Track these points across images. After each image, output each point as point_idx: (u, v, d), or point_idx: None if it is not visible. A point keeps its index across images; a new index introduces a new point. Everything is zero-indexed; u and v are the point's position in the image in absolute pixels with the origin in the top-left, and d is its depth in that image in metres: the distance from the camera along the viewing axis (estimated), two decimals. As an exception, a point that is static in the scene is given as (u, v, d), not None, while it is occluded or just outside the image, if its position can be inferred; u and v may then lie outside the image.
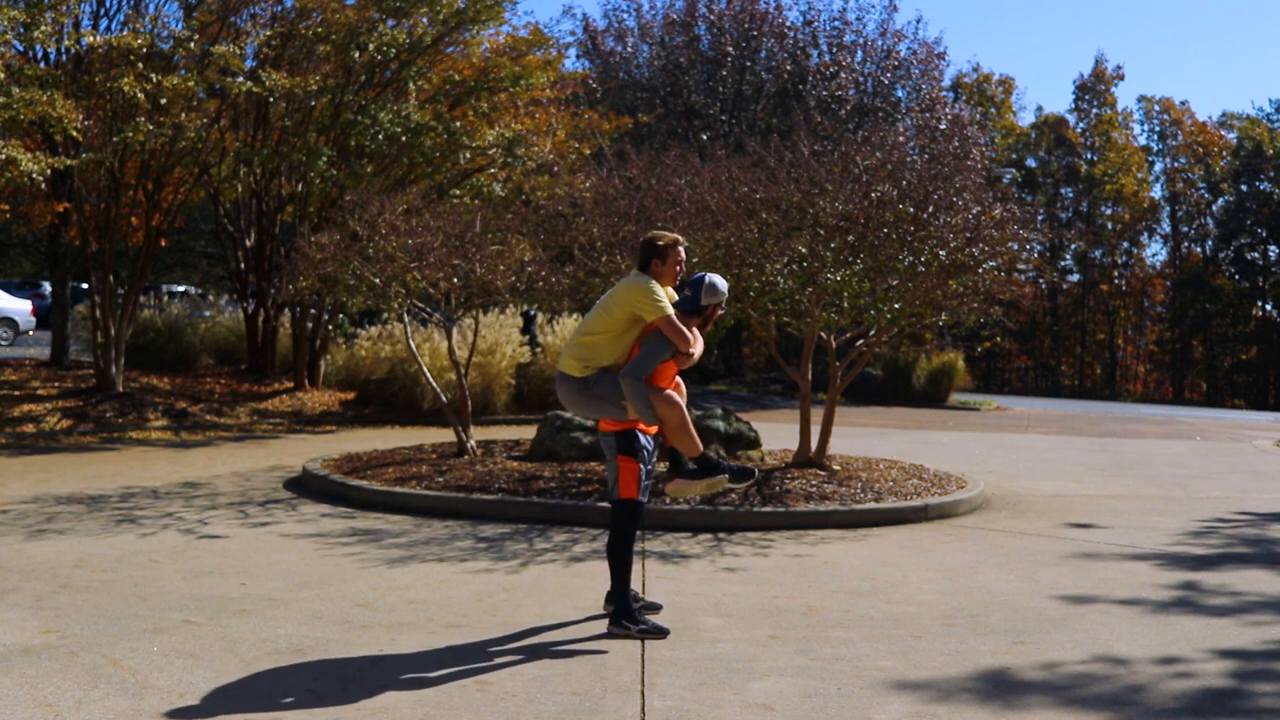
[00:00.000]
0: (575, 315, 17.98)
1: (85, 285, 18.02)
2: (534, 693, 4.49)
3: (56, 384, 15.94)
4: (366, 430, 15.48)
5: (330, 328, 18.73)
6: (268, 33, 16.31)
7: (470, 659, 4.92)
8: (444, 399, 11.71)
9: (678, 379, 5.54)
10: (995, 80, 54.47)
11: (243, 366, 19.33)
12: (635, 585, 6.38)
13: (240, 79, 15.17)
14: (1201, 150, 52.82)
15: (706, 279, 5.44)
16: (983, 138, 36.59)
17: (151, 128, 14.09)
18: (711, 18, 31.51)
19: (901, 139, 15.23)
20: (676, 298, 5.56)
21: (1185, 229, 53.89)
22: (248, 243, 18.97)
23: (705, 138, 28.94)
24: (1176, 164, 53.98)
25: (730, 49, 30.85)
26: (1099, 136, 52.61)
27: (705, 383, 28.61)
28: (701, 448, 5.39)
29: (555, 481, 9.32)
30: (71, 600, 5.76)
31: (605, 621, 5.47)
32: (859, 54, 32.93)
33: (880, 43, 33.26)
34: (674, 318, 5.30)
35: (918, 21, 64.57)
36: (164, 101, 14.47)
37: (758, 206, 10.16)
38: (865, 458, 11.36)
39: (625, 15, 33.47)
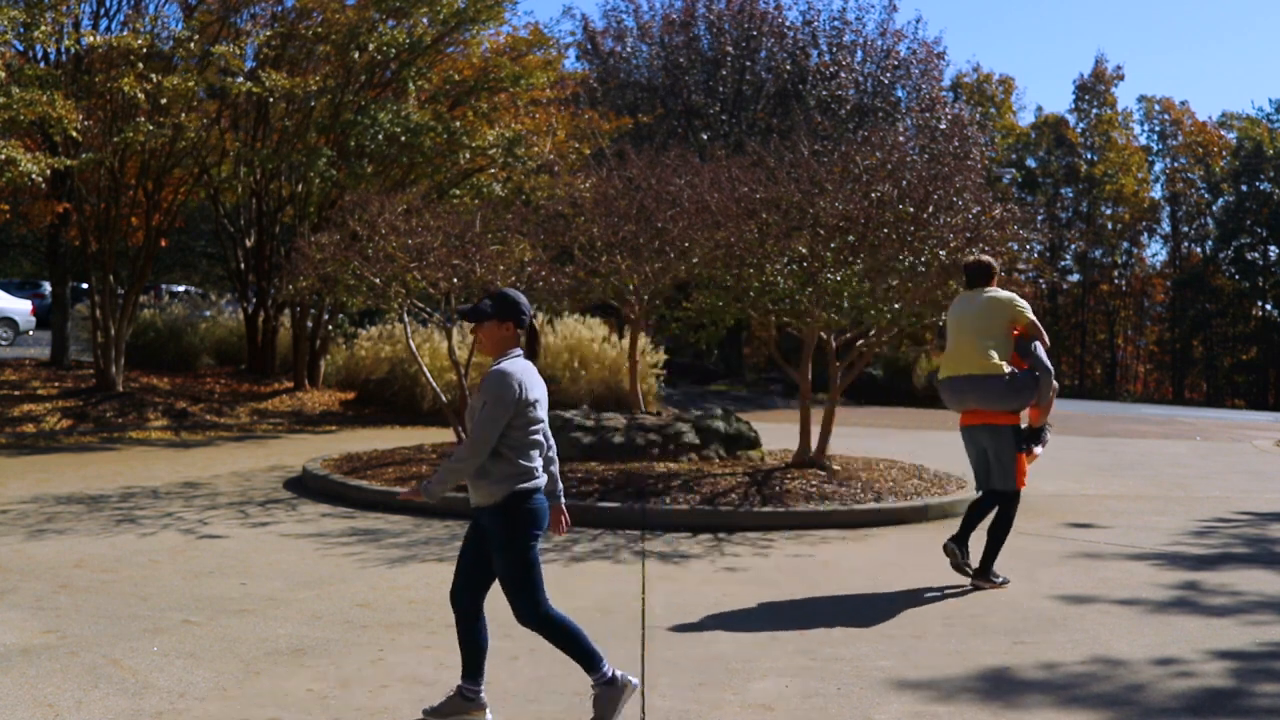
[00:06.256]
0: (576, 315, 17.97)
1: (85, 285, 18.02)
2: (534, 693, 4.49)
3: (56, 384, 15.94)
4: (366, 430, 15.48)
5: (330, 328, 18.73)
6: (268, 33, 16.31)
7: (470, 659, 4.92)
8: (444, 399, 11.71)
9: None
10: (995, 80, 54.45)
11: (243, 366, 19.33)
12: (635, 585, 6.40)
13: (240, 79, 15.17)
14: (1201, 150, 52.81)
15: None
16: (983, 138, 36.55)
17: (151, 128, 14.09)
18: (711, 18, 31.46)
19: (901, 139, 15.23)
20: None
21: (1185, 229, 53.88)
22: (248, 243, 18.97)
23: (705, 138, 28.92)
24: (1176, 164, 53.97)
25: (730, 49, 30.82)
26: (1099, 136, 52.59)
27: (705, 383, 28.59)
28: None
29: (555, 481, 9.31)
30: (71, 600, 5.76)
31: (606, 625, 5.49)
32: (859, 54, 32.87)
33: (880, 43, 33.21)
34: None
35: (917, 21, 64.39)
36: (164, 101, 14.46)
37: (758, 206, 10.16)
38: (865, 458, 11.35)
39: (624, 15, 33.45)
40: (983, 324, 6.35)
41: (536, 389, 4.06)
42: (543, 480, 4.11)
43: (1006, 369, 6.24)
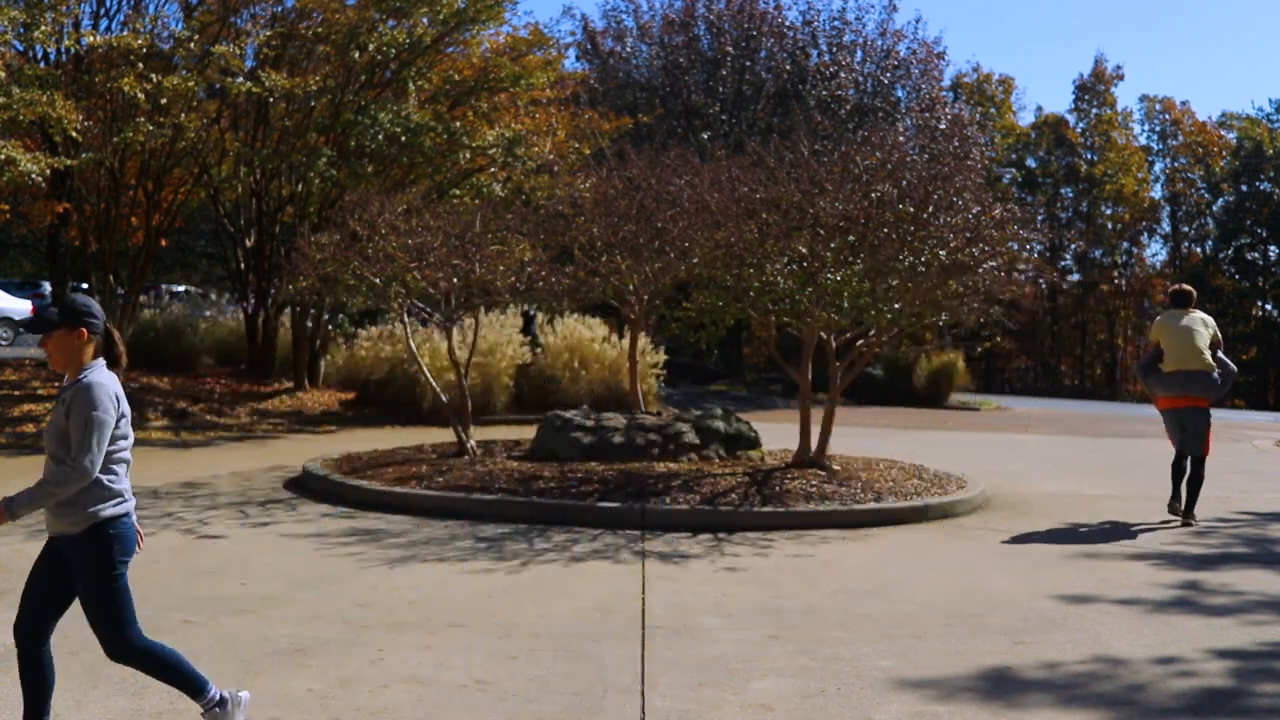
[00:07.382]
0: (576, 315, 17.95)
1: (85, 285, 18.03)
2: (534, 693, 4.49)
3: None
4: (366, 430, 15.47)
5: (330, 328, 18.71)
6: (268, 33, 16.31)
7: (470, 659, 4.92)
8: (444, 399, 11.70)
9: None
10: (995, 80, 54.43)
11: (243, 366, 19.32)
12: (635, 585, 6.40)
13: (240, 79, 15.17)
14: (1201, 150, 52.81)
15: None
16: (983, 138, 36.54)
17: (151, 128, 14.09)
18: (710, 17, 31.45)
19: (901, 139, 15.23)
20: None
21: (1185, 229, 53.89)
22: (248, 243, 18.96)
23: (705, 138, 28.91)
24: (1176, 164, 53.97)
25: (730, 49, 30.82)
26: (1099, 136, 52.58)
27: (705, 383, 28.58)
28: None
29: (555, 481, 9.32)
30: (71, 600, 5.75)
31: (606, 625, 5.49)
32: (859, 54, 32.86)
33: (880, 43, 33.19)
34: None
35: (917, 21, 64.32)
36: (164, 101, 14.47)
37: (758, 206, 10.15)
38: (865, 458, 11.35)
39: (624, 15, 33.44)
40: (1197, 334, 8.77)
41: (124, 402, 3.76)
42: (132, 502, 3.81)
43: (1216, 369, 8.72)
